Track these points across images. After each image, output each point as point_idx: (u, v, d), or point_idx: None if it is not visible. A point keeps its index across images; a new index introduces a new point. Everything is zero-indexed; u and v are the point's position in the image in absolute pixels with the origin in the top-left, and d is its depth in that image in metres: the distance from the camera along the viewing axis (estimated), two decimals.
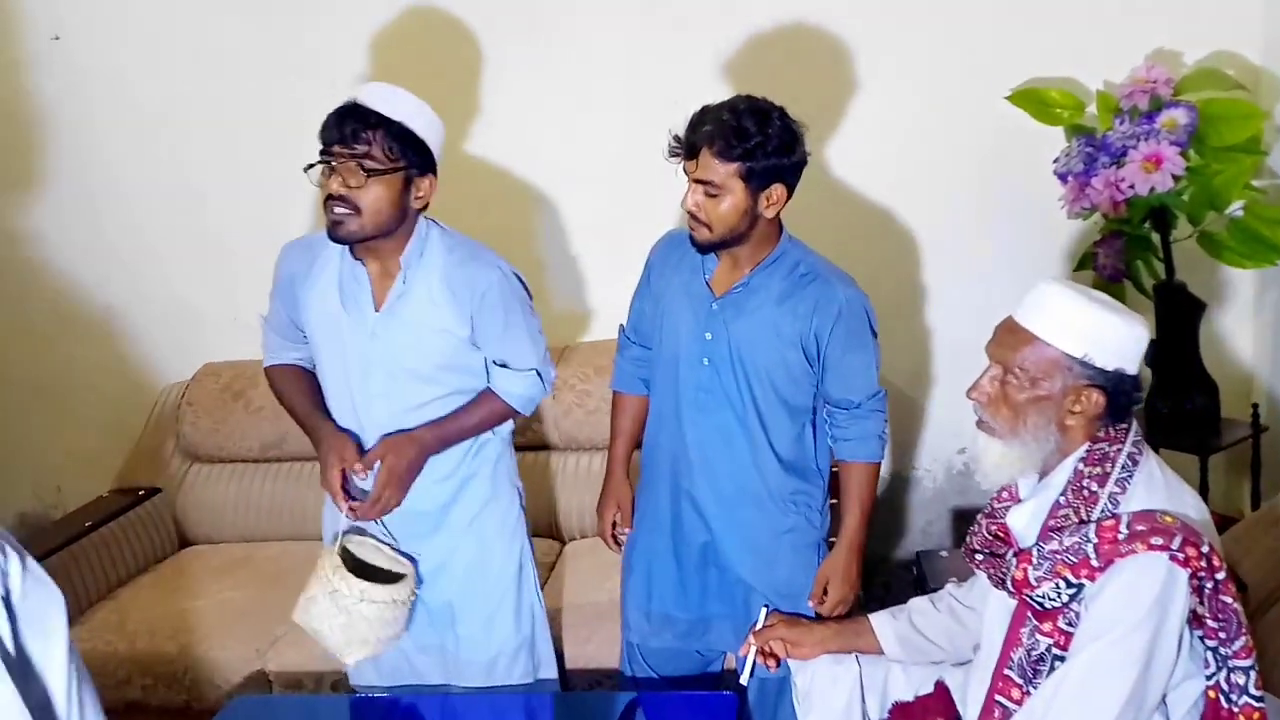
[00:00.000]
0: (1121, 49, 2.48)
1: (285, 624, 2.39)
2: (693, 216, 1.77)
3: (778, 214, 1.80)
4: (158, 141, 2.90)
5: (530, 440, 2.73)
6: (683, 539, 1.95)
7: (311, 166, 1.74)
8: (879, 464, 1.95)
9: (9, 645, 0.89)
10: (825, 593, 1.92)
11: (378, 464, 1.81)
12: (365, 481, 1.84)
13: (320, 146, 1.72)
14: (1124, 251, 2.45)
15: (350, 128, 1.68)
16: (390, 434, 1.83)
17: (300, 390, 1.94)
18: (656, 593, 1.99)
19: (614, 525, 2.08)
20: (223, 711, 1.96)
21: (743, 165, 1.70)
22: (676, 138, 1.76)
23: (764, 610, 1.85)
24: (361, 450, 1.84)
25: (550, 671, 2.03)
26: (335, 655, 1.84)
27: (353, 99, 1.71)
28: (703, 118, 1.74)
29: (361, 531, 1.89)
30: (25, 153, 2.94)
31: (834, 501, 2.33)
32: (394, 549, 1.88)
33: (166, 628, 2.39)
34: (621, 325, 2.09)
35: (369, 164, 1.68)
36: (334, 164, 1.70)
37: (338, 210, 1.71)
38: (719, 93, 1.90)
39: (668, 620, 1.99)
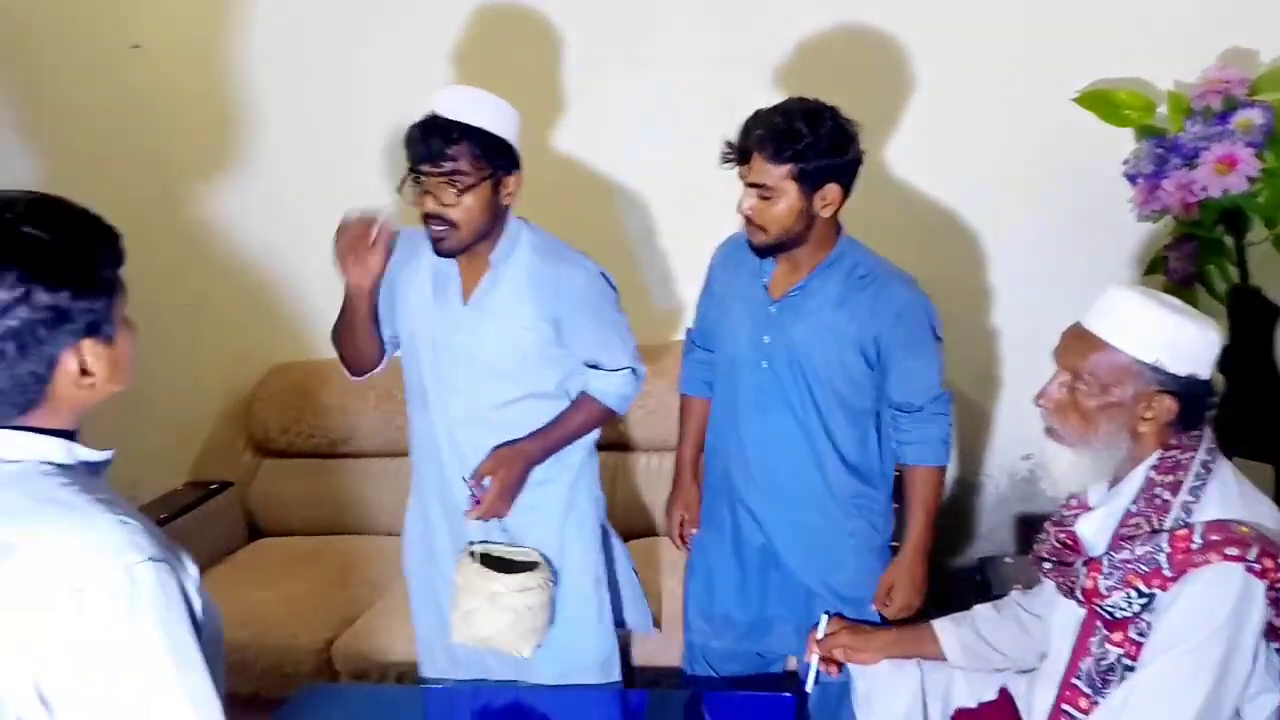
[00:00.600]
0: (1194, 48, 2.42)
1: (353, 614, 2.48)
2: (748, 220, 1.77)
3: (834, 214, 1.79)
4: (235, 145, 2.98)
5: None
6: (742, 541, 1.96)
7: (402, 185, 1.75)
8: (943, 468, 1.93)
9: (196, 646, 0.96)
10: (889, 597, 1.90)
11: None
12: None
13: (408, 165, 1.73)
14: (1196, 255, 2.40)
15: (435, 145, 1.68)
16: (500, 447, 1.84)
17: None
18: (718, 594, 2.00)
19: (681, 526, 2.09)
20: (291, 699, 2.01)
21: (795, 167, 1.70)
22: (729, 144, 1.77)
23: (825, 617, 1.85)
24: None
25: (614, 672, 2.03)
26: (511, 653, 1.86)
27: (432, 111, 1.71)
28: (754, 122, 1.74)
29: (476, 541, 1.91)
30: (104, 156, 3.05)
31: (897, 506, 2.34)
32: (509, 544, 1.91)
33: (237, 617, 2.44)
34: (688, 329, 2.10)
35: (459, 180, 1.70)
36: (425, 186, 1.72)
37: (436, 228, 1.73)
38: (792, 94, 1.89)
39: (728, 621, 2.00)
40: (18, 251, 0.92)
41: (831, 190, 1.75)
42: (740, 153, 1.74)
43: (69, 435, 1.01)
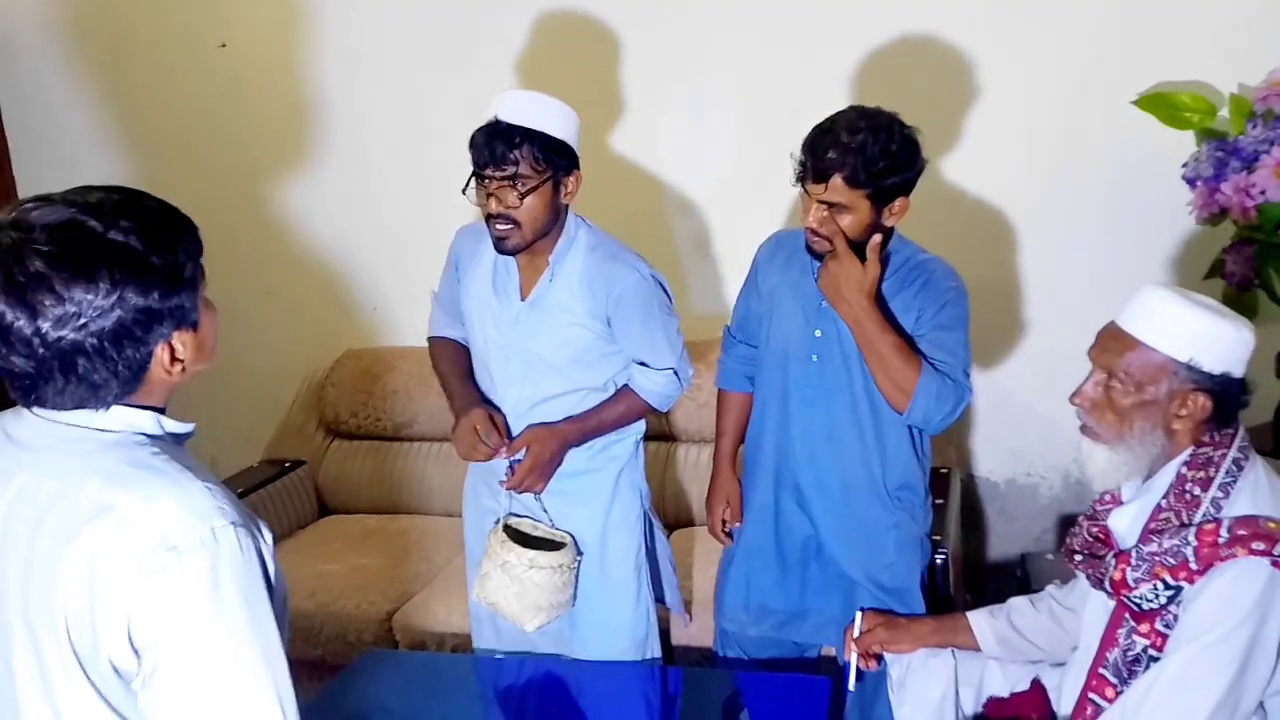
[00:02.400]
0: (1259, 52, 2.39)
1: (412, 589, 2.59)
2: (813, 232, 1.79)
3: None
4: (311, 141, 3.12)
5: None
6: (785, 532, 1.98)
7: (467, 187, 1.84)
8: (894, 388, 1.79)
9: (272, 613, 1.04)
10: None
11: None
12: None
13: (472, 169, 1.81)
14: (1255, 259, 2.37)
15: (499, 149, 1.75)
16: (535, 425, 1.92)
17: (453, 362, 2.05)
18: (755, 584, 2.02)
19: (724, 521, 2.12)
20: (353, 664, 2.12)
21: (869, 188, 1.73)
22: (802, 163, 1.77)
23: (859, 614, 1.87)
24: (499, 427, 1.92)
25: (650, 651, 2.08)
26: (516, 624, 1.94)
27: (495, 117, 1.78)
28: (825, 142, 1.72)
29: (519, 516, 2.00)
30: (193, 148, 3.22)
31: (940, 502, 2.37)
32: (551, 525, 1.99)
33: (306, 588, 2.58)
34: (726, 325, 2.14)
35: (521, 184, 1.77)
36: (488, 188, 1.80)
37: (499, 227, 1.81)
38: (849, 100, 1.91)
39: (765, 611, 2.03)
40: (108, 259, 0.98)
41: (900, 203, 1.77)
42: (816, 173, 1.74)
43: (159, 410, 1.10)
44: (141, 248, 1.00)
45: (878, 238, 1.78)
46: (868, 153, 1.70)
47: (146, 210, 1.04)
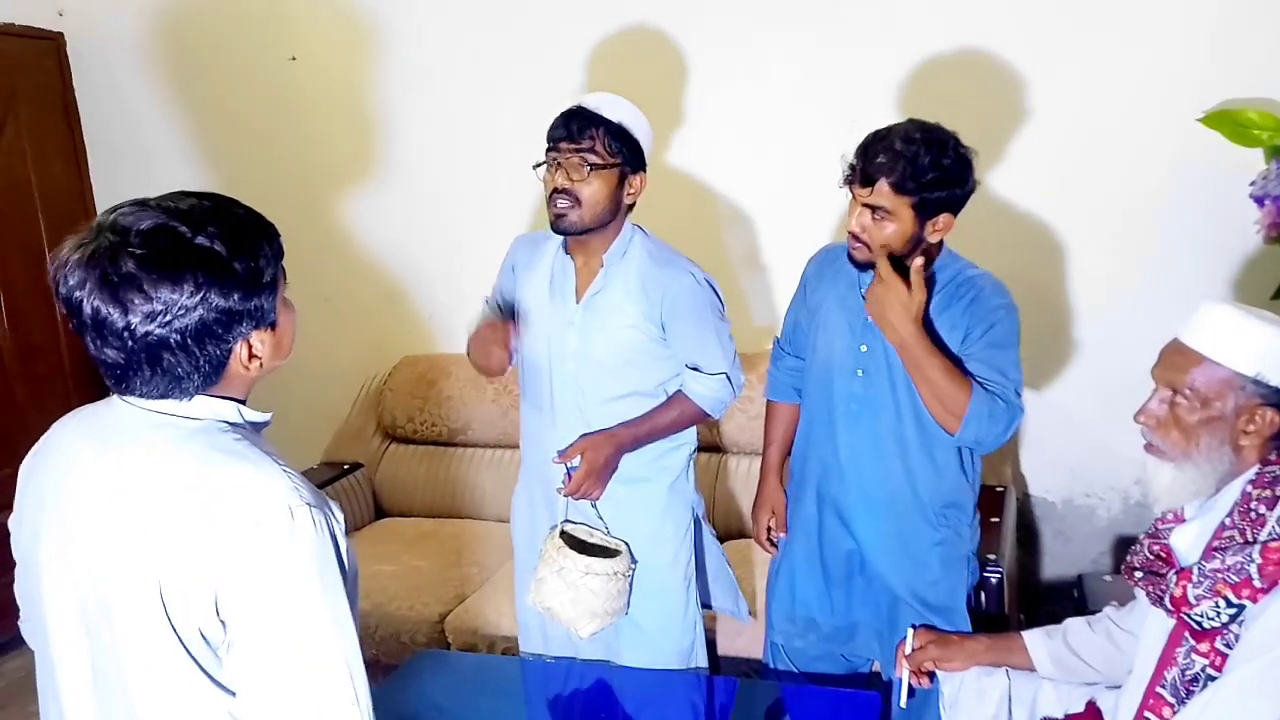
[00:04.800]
0: None
1: (464, 592, 2.63)
2: (854, 237, 1.79)
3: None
4: (374, 152, 3.20)
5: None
6: (828, 546, 1.98)
7: (540, 164, 1.91)
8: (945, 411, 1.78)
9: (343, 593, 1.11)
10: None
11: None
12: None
13: (547, 147, 1.88)
14: None
15: (576, 125, 1.84)
16: (589, 432, 1.95)
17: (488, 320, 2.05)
18: (800, 597, 2.02)
19: (769, 530, 2.13)
20: (406, 664, 2.16)
21: (916, 197, 1.73)
22: (852, 166, 1.78)
23: (911, 631, 1.85)
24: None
25: (696, 661, 2.09)
26: (570, 629, 1.96)
27: (578, 104, 1.87)
28: (880, 146, 1.73)
29: (573, 522, 2.02)
30: (261, 157, 3.31)
31: (994, 520, 2.34)
32: (606, 533, 2.01)
33: (362, 587, 2.55)
34: (776, 337, 2.15)
35: (591, 159, 1.84)
36: (560, 160, 1.87)
37: (560, 203, 1.87)
38: (904, 115, 1.91)
39: (811, 624, 2.02)
40: (194, 262, 1.05)
41: (944, 219, 1.77)
42: (864, 177, 1.75)
43: (240, 401, 1.18)
44: (225, 253, 1.07)
45: (919, 261, 1.77)
46: (918, 162, 1.70)
47: (233, 217, 1.11)
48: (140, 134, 3.41)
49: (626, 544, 2.00)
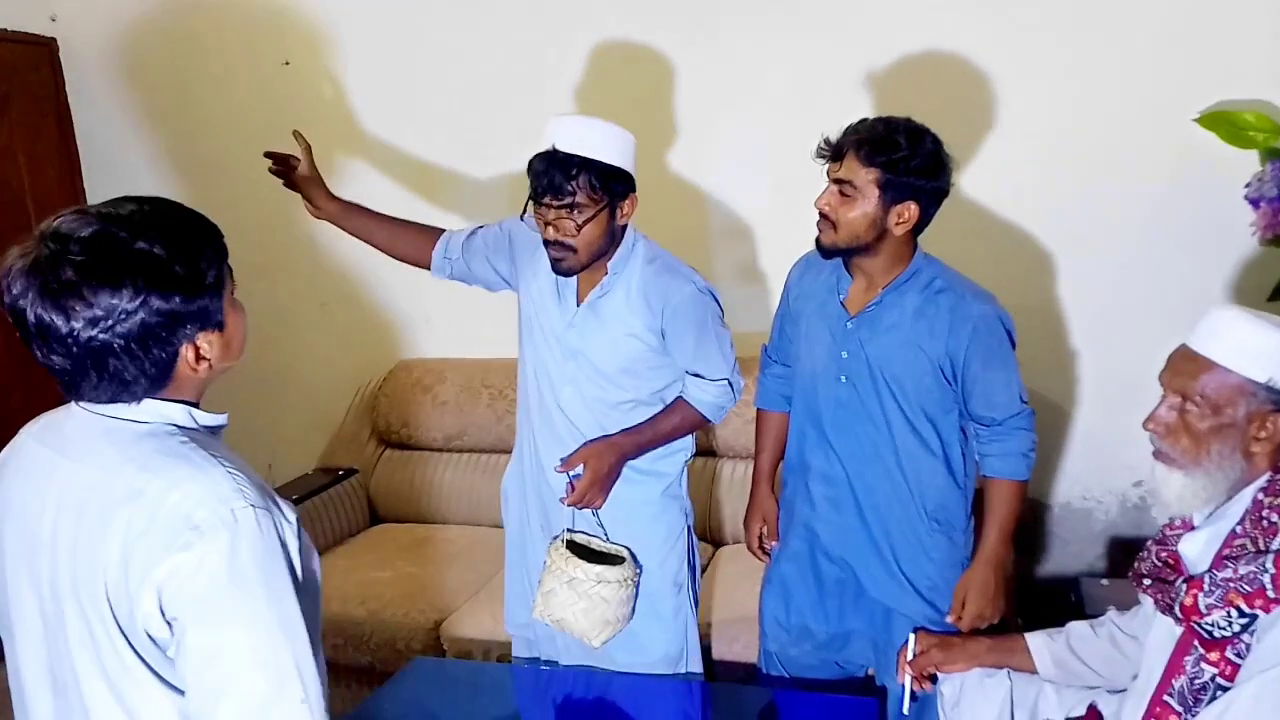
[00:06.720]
0: None
1: (459, 599, 2.62)
2: (822, 216, 1.80)
3: (908, 233, 1.80)
4: (367, 156, 3.19)
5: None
6: (821, 554, 1.97)
7: (525, 211, 1.89)
8: (1024, 482, 1.90)
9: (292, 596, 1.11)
10: (963, 609, 1.90)
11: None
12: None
13: (530, 193, 1.83)
14: None
15: (556, 179, 1.77)
16: (591, 440, 1.94)
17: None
18: (794, 605, 2.01)
19: (760, 537, 2.12)
20: (402, 671, 2.14)
21: (883, 174, 1.72)
22: (826, 140, 1.80)
23: (912, 635, 1.84)
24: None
25: (685, 667, 2.08)
26: (582, 640, 1.94)
27: (552, 145, 1.78)
28: (857, 125, 1.78)
29: (573, 530, 2.01)
30: (253, 165, 3.28)
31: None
32: (606, 539, 2.00)
33: (357, 595, 2.62)
34: (764, 345, 2.14)
35: (578, 213, 1.80)
36: (546, 218, 1.83)
37: (556, 253, 1.85)
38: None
39: (805, 632, 2.01)
40: (134, 267, 1.05)
41: (910, 208, 1.76)
42: (835, 149, 1.78)
43: (193, 404, 1.18)
44: (166, 256, 1.08)
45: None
46: (890, 139, 1.72)
47: (174, 220, 1.12)
48: (133, 139, 3.40)
49: (628, 549, 1.99)
